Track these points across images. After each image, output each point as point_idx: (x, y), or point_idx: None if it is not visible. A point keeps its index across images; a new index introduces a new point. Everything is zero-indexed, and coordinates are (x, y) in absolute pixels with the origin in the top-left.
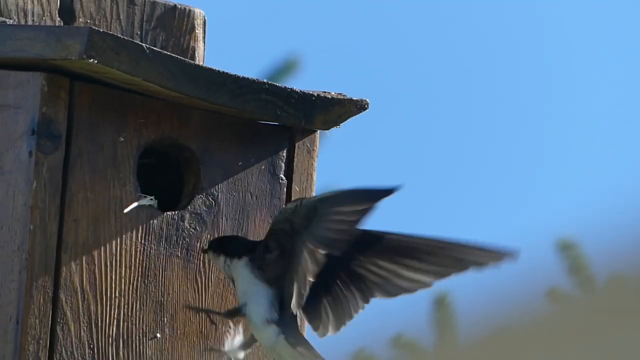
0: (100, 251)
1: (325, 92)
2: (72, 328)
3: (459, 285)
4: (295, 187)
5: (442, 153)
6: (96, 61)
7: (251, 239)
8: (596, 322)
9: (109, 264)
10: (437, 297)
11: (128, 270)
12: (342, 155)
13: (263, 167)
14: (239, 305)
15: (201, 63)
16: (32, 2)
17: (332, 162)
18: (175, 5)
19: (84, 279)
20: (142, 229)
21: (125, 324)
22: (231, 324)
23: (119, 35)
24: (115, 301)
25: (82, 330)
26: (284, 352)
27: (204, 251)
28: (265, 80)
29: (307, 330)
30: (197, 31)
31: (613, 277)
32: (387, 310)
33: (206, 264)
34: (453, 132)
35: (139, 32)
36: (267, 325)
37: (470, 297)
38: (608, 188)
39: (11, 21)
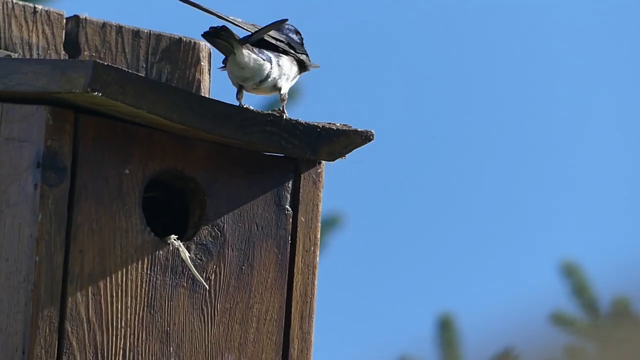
0: (106, 282)
1: (330, 123)
2: (78, 358)
3: (464, 308)
4: (301, 218)
5: (446, 178)
6: (101, 94)
7: (257, 270)
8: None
9: (114, 294)
10: (442, 319)
11: (134, 300)
12: (346, 185)
13: (269, 198)
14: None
15: (206, 95)
16: (37, 35)
17: (337, 191)
18: (181, 37)
19: (90, 309)
20: (147, 260)
21: (131, 353)
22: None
23: (124, 69)
24: (121, 331)
25: None
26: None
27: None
28: (270, 112)
29: None
30: (202, 63)
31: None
32: (392, 333)
33: (212, 294)
34: (456, 158)
35: (144, 65)
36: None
37: (474, 320)
38: (613, 213)
39: (16, 55)
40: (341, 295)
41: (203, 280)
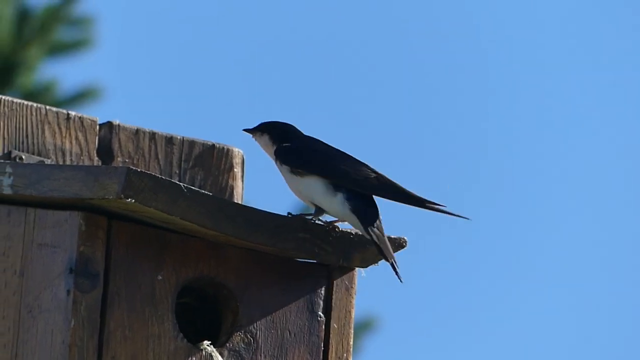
0: None
1: None
2: None
3: None
4: (334, 325)
5: (473, 280)
6: (134, 200)
7: None
8: None
9: None
10: None
11: None
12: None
13: (301, 304)
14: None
15: (239, 202)
16: (70, 142)
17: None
18: (214, 144)
19: None
20: None
21: None
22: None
23: (157, 175)
24: None
25: None
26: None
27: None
28: (303, 218)
29: None
30: (235, 170)
31: None
32: None
33: None
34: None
35: (177, 171)
36: (334, 198)
37: None
38: None
39: (49, 161)
40: None
41: None
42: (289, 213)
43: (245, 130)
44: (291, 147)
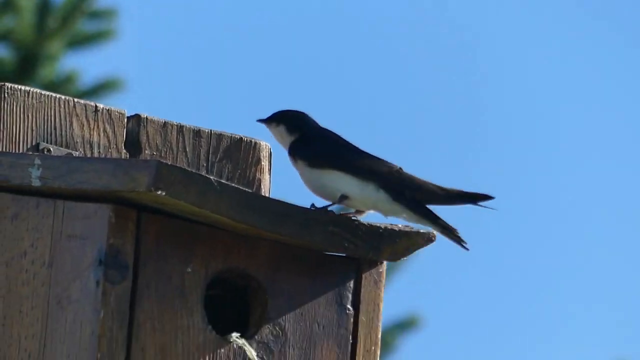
0: None
1: (392, 224)
2: None
3: None
4: (362, 318)
5: (507, 281)
6: (164, 193)
7: None
8: None
9: None
10: None
11: None
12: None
13: (330, 297)
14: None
15: (267, 195)
16: (98, 134)
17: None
18: (241, 137)
19: None
20: (209, 358)
21: None
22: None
23: (187, 168)
24: None
25: None
26: (387, 207)
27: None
28: (332, 212)
29: None
30: (262, 163)
31: None
32: None
33: None
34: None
35: (205, 164)
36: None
37: None
38: None
39: (77, 153)
40: None
41: None
42: (312, 205)
43: (260, 120)
44: (309, 141)
